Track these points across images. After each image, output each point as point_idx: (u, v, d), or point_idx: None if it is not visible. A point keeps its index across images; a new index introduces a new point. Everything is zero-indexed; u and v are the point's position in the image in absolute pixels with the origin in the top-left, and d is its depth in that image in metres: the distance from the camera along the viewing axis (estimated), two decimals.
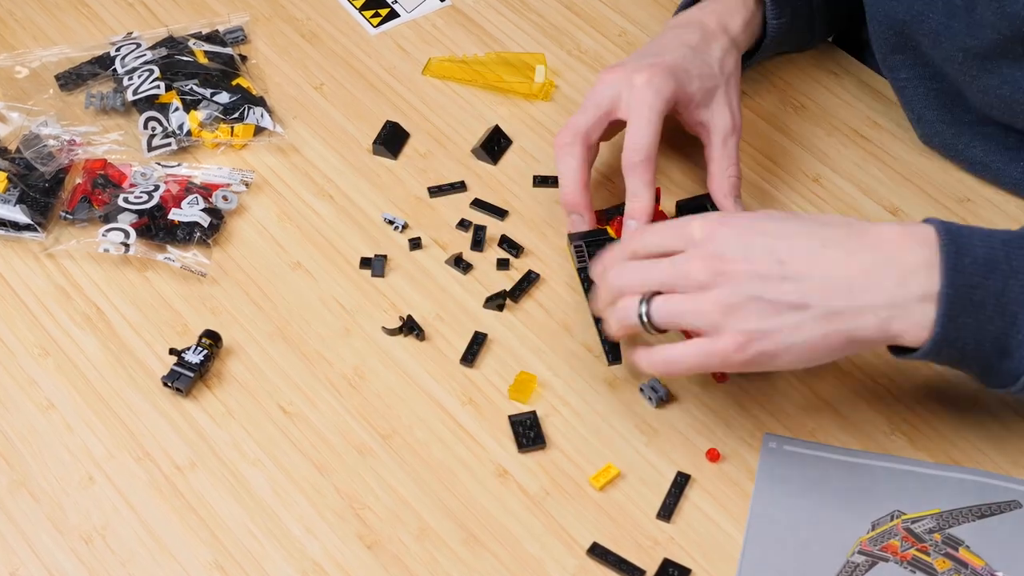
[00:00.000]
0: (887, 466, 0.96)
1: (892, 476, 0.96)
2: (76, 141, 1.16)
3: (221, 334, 1.04)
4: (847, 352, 0.90)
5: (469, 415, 1.01)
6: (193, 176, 1.15)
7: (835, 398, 1.01)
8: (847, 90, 1.22)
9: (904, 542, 0.92)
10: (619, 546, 0.94)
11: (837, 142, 1.18)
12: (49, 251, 1.10)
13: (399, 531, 0.95)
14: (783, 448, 0.97)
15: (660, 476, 0.97)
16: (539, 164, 1.16)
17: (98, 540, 0.94)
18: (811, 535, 0.93)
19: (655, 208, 1.05)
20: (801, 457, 0.97)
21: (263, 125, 1.17)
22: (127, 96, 1.19)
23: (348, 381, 1.03)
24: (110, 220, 1.11)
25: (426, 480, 0.97)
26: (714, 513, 0.96)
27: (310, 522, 0.95)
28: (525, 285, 1.07)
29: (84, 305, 1.07)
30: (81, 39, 1.26)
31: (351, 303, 1.07)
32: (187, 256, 1.10)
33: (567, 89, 1.22)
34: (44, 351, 1.05)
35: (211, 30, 1.26)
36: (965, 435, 0.99)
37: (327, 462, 0.98)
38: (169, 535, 0.95)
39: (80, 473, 0.98)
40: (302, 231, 1.12)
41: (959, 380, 1.02)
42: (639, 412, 1.01)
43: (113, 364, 1.04)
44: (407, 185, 1.15)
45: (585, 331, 1.05)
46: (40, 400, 1.02)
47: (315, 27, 1.28)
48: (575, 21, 1.28)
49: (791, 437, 0.98)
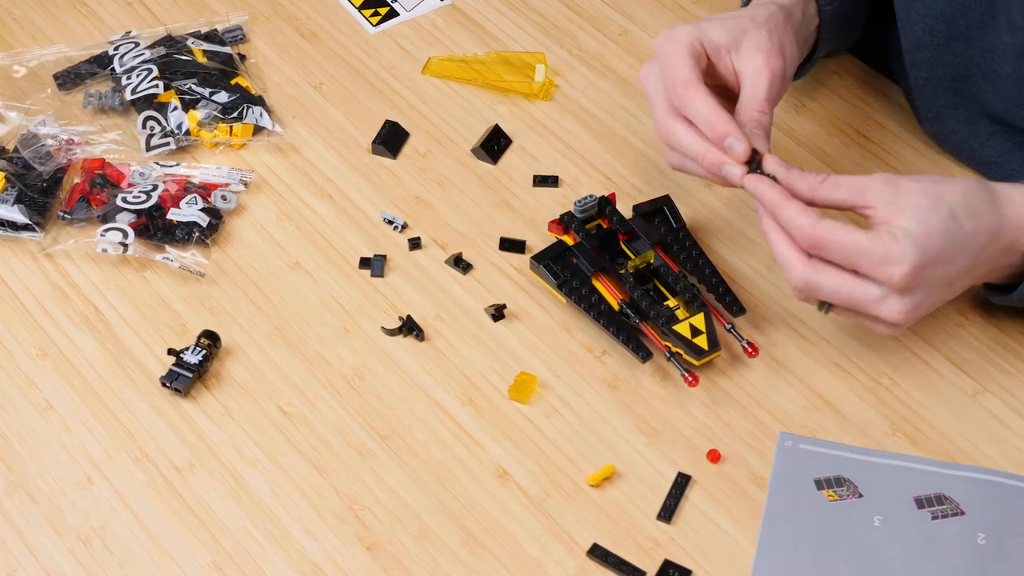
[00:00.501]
0: (901, 465, 0.96)
1: (906, 475, 0.96)
2: (74, 140, 1.16)
3: (220, 334, 1.04)
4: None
5: (469, 416, 1.01)
6: (192, 176, 1.14)
7: (836, 398, 1.01)
8: (850, 90, 1.22)
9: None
10: (619, 547, 0.94)
11: (839, 142, 1.17)
12: (47, 251, 1.10)
13: (399, 532, 0.95)
14: (798, 447, 0.97)
15: (660, 477, 0.97)
16: (539, 164, 1.16)
17: (96, 541, 0.94)
18: (826, 533, 0.93)
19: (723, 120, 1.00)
20: (816, 455, 0.97)
21: (262, 124, 1.17)
22: (125, 95, 1.19)
23: (347, 382, 1.02)
24: (108, 220, 1.10)
25: (426, 481, 0.97)
26: (715, 514, 0.96)
27: (309, 523, 0.95)
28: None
29: (82, 305, 1.07)
30: (79, 38, 1.26)
31: (350, 303, 1.07)
32: (186, 256, 1.09)
33: (567, 88, 1.22)
34: (42, 352, 1.04)
35: (210, 29, 1.26)
36: (966, 435, 0.99)
37: (326, 463, 0.98)
38: (168, 536, 0.94)
39: (78, 474, 0.97)
40: (301, 231, 1.12)
41: (960, 380, 1.02)
42: (639, 412, 1.00)
43: (111, 365, 1.03)
44: (407, 185, 1.15)
45: (585, 331, 1.05)
46: (38, 401, 1.02)
47: (314, 26, 1.27)
48: (575, 20, 1.28)
49: (807, 436, 0.98)
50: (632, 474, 0.97)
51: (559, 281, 1.04)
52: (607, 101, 1.21)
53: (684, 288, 1.03)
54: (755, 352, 1.02)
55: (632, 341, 1.01)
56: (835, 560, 0.91)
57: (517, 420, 1.00)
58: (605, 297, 1.04)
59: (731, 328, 1.03)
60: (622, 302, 1.03)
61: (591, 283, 1.04)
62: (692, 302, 1.02)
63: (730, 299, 1.04)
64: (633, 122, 1.19)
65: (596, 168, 1.15)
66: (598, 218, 1.08)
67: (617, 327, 1.02)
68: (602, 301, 1.03)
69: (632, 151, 1.17)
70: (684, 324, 1.01)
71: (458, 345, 1.04)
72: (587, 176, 1.15)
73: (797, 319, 1.06)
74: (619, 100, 1.21)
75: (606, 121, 1.19)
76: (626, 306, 1.03)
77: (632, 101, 1.20)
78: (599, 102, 1.20)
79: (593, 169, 1.16)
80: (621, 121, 1.19)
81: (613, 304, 1.03)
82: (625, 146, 1.17)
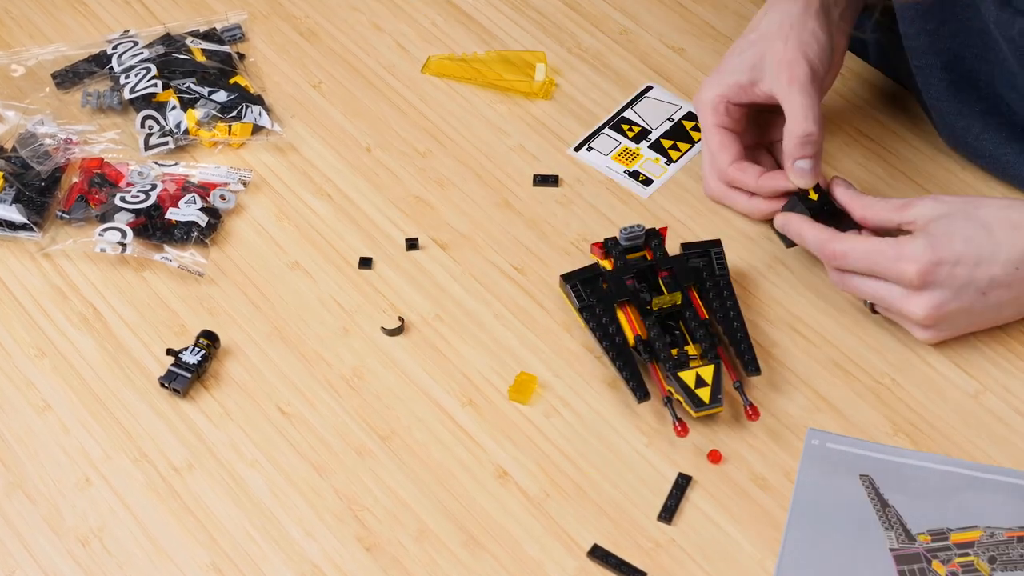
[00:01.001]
0: (929, 466, 0.96)
1: (933, 477, 0.95)
2: (72, 140, 1.16)
3: (219, 334, 1.04)
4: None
5: (469, 416, 1.00)
6: (190, 175, 1.14)
7: (837, 398, 1.01)
8: (851, 89, 1.21)
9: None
10: (620, 548, 0.93)
11: (841, 142, 1.17)
12: (45, 251, 1.10)
13: (398, 533, 0.94)
14: (826, 445, 0.97)
15: (661, 477, 0.97)
16: (539, 164, 1.16)
17: (95, 542, 0.94)
18: (853, 534, 0.93)
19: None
20: (843, 455, 0.96)
21: (261, 124, 1.17)
22: (124, 94, 1.18)
23: (347, 382, 1.02)
24: (107, 219, 1.10)
25: (425, 481, 0.97)
26: (716, 515, 0.95)
27: (308, 524, 0.95)
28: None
29: (81, 305, 1.07)
30: (78, 37, 1.25)
31: (350, 303, 1.07)
32: (184, 256, 1.09)
33: (567, 87, 1.21)
34: (40, 352, 1.04)
35: (208, 28, 1.25)
36: (968, 435, 0.99)
37: (326, 463, 0.98)
38: (166, 537, 0.94)
39: (77, 474, 0.97)
40: (300, 231, 1.11)
41: (962, 380, 1.01)
42: (640, 413, 1.00)
43: (110, 365, 1.03)
44: (406, 184, 1.14)
45: (586, 332, 1.04)
46: (36, 401, 1.01)
47: (313, 25, 1.27)
48: (575, 19, 1.27)
49: (836, 433, 0.98)
50: (632, 475, 0.97)
51: (581, 304, 1.03)
52: (608, 100, 1.20)
53: (704, 337, 1.00)
54: (756, 415, 0.98)
55: (634, 379, 0.99)
56: (862, 561, 0.91)
57: (517, 420, 1.00)
58: (623, 328, 1.02)
59: (739, 386, 1.00)
60: (637, 338, 1.01)
61: (614, 312, 1.02)
62: (708, 352, 1.00)
63: (748, 357, 1.00)
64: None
65: (580, 197, 1.15)
66: (644, 248, 1.06)
67: (624, 361, 1.00)
68: (618, 332, 1.01)
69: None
70: (691, 372, 0.98)
71: (458, 345, 1.04)
72: (587, 174, 1.15)
73: (798, 319, 1.05)
74: (619, 99, 1.20)
75: (605, 118, 1.19)
76: (640, 342, 1.00)
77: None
78: (599, 101, 1.20)
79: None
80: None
81: (629, 338, 1.01)
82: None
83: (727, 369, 1.00)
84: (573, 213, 1.12)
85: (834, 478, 0.95)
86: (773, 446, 0.98)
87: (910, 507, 0.94)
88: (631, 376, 0.99)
